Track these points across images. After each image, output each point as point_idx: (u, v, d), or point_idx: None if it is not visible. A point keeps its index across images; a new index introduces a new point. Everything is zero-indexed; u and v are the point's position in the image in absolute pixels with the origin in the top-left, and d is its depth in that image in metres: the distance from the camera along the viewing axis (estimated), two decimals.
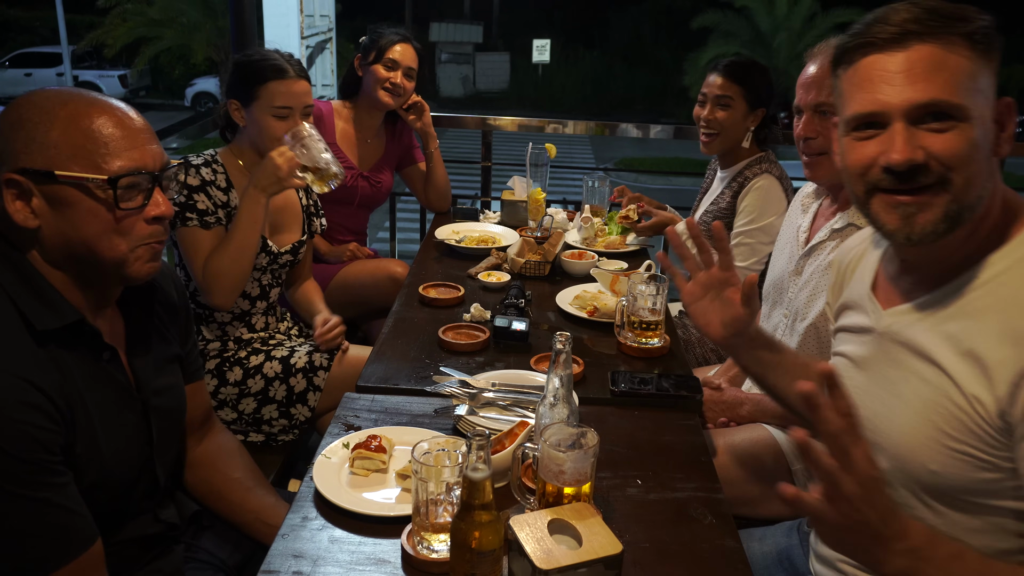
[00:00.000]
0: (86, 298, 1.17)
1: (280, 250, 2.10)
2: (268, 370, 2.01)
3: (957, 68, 0.97)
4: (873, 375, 1.14)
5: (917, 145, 0.97)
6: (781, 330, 1.79)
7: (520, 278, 2.25)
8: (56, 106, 1.09)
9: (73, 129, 1.09)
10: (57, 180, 1.08)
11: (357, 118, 2.75)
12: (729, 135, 2.37)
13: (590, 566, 1.00)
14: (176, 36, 19.84)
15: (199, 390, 1.49)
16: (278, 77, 2.00)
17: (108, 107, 1.13)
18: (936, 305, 1.05)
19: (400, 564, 1.11)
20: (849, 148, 1.06)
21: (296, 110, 2.02)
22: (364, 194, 2.76)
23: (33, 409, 1.02)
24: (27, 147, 1.08)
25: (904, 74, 0.98)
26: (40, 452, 1.03)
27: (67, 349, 1.11)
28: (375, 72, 2.63)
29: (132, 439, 1.23)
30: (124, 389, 1.22)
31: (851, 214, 1.65)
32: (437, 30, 26.03)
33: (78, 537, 1.09)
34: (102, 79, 21.38)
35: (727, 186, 2.38)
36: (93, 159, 1.09)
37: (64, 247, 1.12)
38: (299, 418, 2.02)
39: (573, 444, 1.15)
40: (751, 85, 2.33)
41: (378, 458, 1.30)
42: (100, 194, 1.10)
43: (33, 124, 1.08)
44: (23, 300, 1.08)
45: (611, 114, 22.24)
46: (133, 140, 1.13)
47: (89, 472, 1.12)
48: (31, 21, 24.82)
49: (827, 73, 1.64)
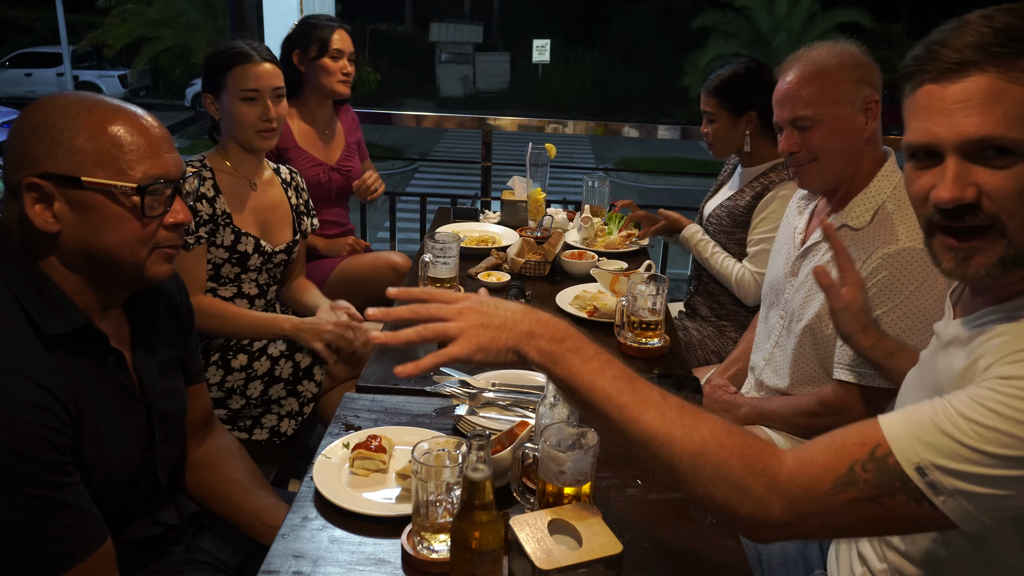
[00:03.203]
0: (95, 301, 1.17)
1: (274, 249, 2.10)
2: (273, 350, 2.03)
3: (1020, 100, 0.89)
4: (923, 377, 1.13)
5: (969, 182, 0.92)
6: (778, 331, 1.80)
7: (520, 278, 2.25)
8: (81, 112, 1.10)
9: (100, 135, 1.10)
10: (83, 186, 1.09)
11: (309, 113, 2.74)
12: (724, 144, 2.41)
13: (590, 566, 1.00)
14: (176, 36, 19.86)
15: (200, 392, 1.49)
16: (243, 62, 2.00)
17: (132, 115, 1.14)
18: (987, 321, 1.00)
19: (400, 564, 1.11)
20: (910, 176, 1.01)
21: (264, 92, 2.02)
22: (339, 186, 2.76)
23: (44, 411, 1.03)
24: (51, 152, 1.08)
25: (960, 105, 0.92)
26: (51, 452, 1.03)
27: (74, 353, 1.11)
28: (325, 66, 2.64)
29: (135, 442, 1.23)
30: (129, 392, 1.22)
31: (846, 215, 1.65)
32: (437, 30, 26.04)
33: (89, 536, 1.09)
34: (102, 79, 21.37)
35: (748, 185, 2.36)
36: (119, 165, 1.10)
37: (83, 251, 1.12)
38: (306, 395, 2.04)
39: (573, 444, 1.15)
40: (726, 95, 2.36)
41: (378, 458, 1.30)
42: (126, 201, 1.12)
43: (58, 129, 1.08)
44: (32, 304, 1.08)
45: (611, 114, 22.24)
46: (157, 148, 1.14)
47: (94, 475, 1.12)
48: (31, 21, 24.81)
49: (801, 84, 1.63)
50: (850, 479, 0.89)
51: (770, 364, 1.81)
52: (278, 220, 2.15)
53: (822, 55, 1.64)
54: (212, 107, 2.07)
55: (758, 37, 19.86)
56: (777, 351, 1.79)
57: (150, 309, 1.30)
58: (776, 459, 0.92)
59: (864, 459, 0.89)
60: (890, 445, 0.88)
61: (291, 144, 2.65)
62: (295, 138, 2.68)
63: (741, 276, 2.30)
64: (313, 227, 2.28)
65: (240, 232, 2.02)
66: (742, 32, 20.10)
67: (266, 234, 2.10)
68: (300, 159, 2.65)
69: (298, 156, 2.65)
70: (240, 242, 2.02)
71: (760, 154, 2.37)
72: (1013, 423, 0.83)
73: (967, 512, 0.86)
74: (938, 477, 0.86)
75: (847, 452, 0.90)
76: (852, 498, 0.88)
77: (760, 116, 2.30)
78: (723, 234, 2.39)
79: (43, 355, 1.07)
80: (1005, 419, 0.84)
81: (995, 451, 0.84)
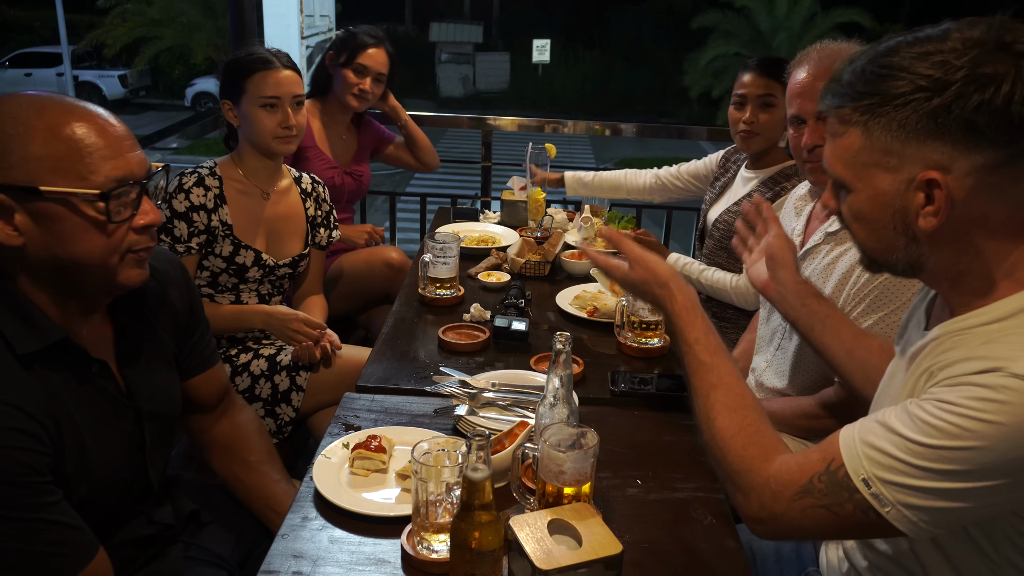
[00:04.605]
0: (72, 310, 1.14)
1: (277, 263, 2.08)
2: (255, 368, 2.00)
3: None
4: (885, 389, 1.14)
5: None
6: (780, 333, 1.79)
7: (520, 278, 2.25)
8: (32, 116, 1.03)
9: (54, 140, 1.03)
10: (42, 196, 1.02)
11: (330, 115, 2.74)
12: (768, 135, 2.26)
13: (590, 566, 1.00)
14: (176, 36, 19.88)
15: (215, 374, 1.48)
16: (264, 68, 1.99)
17: (87, 114, 1.06)
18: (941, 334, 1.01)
19: (400, 564, 1.11)
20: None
21: (284, 100, 2.01)
22: (350, 189, 2.77)
23: (20, 433, 1.01)
24: (4, 161, 1.01)
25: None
26: (31, 475, 1.02)
27: (53, 368, 1.08)
28: (345, 77, 2.63)
29: (124, 448, 1.22)
30: (115, 399, 1.20)
31: None
32: (437, 30, 26.03)
33: (78, 552, 1.08)
34: (102, 79, 21.39)
35: (756, 190, 2.29)
36: (78, 171, 1.04)
37: (50, 262, 1.07)
38: (284, 418, 1.99)
39: (573, 444, 1.15)
40: None
41: (378, 458, 1.30)
42: (90, 209, 1.05)
43: (9, 137, 1.01)
44: (5, 323, 1.05)
45: (611, 114, 22.23)
46: (117, 148, 1.07)
47: (80, 488, 1.11)
48: (31, 21, 24.81)
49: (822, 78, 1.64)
50: (807, 488, 0.96)
51: (771, 366, 1.81)
52: (289, 231, 2.12)
53: (843, 49, 1.64)
54: (231, 113, 2.05)
55: (758, 37, 19.88)
56: (779, 354, 1.79)
57: (134, 310, 1.26)
58: (767, 461, 1.02)
59: (821, 472, 0.96)
60: (843, 457, 0.94)
61: (310, 144, 2.64)
62: (315, 138, 2.68)
63: (737, 284, 2.28)
64: (331, 239, 2.23)
65: (240, 244, 2.00)
66: (742, 32, 20.11)
67: (272, 246, 2.08)
68: (317, 159, 2.64)
69: (315, 156, 2.65)
70: (239, 254, 2.00)
71: (774, 156, 2.31)
72: (949, 437, 0.86)
73: (911, 522, 0.90)
74: (881, 489, 0.90)
75: (810, 463, 0.98)
76: (809, 505, 0.96)
77: None
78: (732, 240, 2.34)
79: (19, 374, 1.04)
80: (942, 435, 0.87)
81: (931, 466, 0.87)
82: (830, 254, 1.66)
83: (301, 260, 2.14)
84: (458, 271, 2.09)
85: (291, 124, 2.01)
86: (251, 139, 2.03)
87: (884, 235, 0.99)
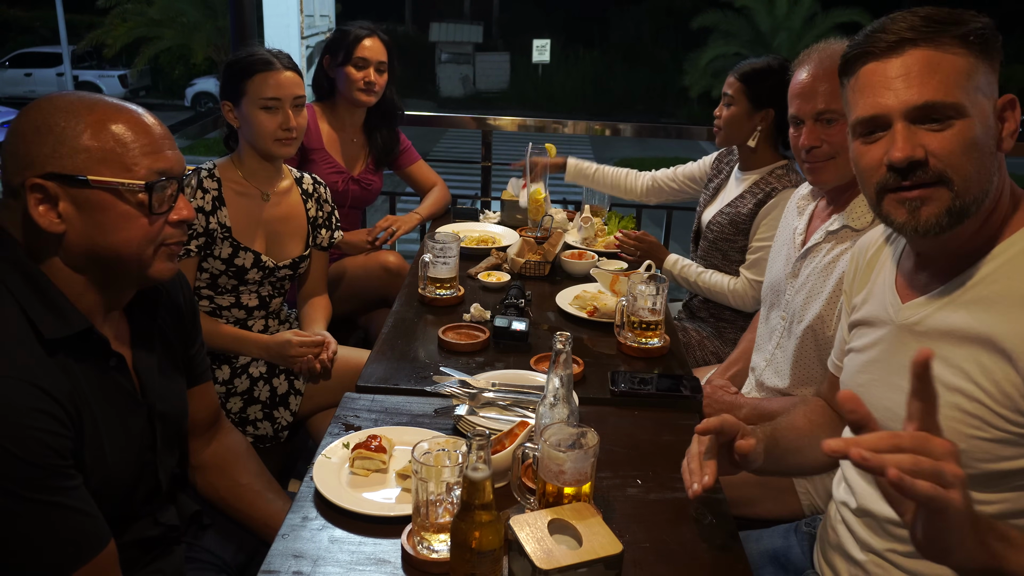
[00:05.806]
0: (97, 303, 1.17)
1: (277, 264, 2.07)
2: (254, 370, 2.00)
3: (952, 68, 1.03)
4: (891, 367, 1.15)
5: (917, 143, 1.03)
6: (779, 333, 1.79)
7: (520, 278, 2.25)
8: (83, 111, 1.10)
9: (104, 133, 1.10)
10: (90, 185, 1.09)
11: (338, 119, 2.71)
12: (731, 131, 2.35)
13: (590, 566, 1.00)
14: (176, 36, 19.88)
15: (206, 391, 1.48)
16: (264, 69, 1.99)
17: (134, 113, 1.14)
18: (950, 294, 1.08)
19: (400, 564, 1.11)
20: (859, 152, 1.12)
21: (285, 101, 2.00)
22: (355, 196, 2.74)
23: (45, 415, 1.03)
24: (55, 152, 1.07)
25: (901, 79, 1.05)
26: (53, 457, 1.03)
27: (75, 357, 1.11)
28: (348, 74, 2.59)
29: (136, 445, 1.23)
30: (130, 395, 1.22)
31: (846, 216, 1.64)
32: (437, 30, 26.04)
33: (92, 539, 1.09)
34: (102, 79, 21.38)
35: (748, 191, 2.32)
36: (124, 163, 1.10)
37: (88, 251, 1.12)
38: (281, 422, 2.00)
39: (573, 444, 1.15)
40: (753, 84, 2.30)
41: (378, 458, 1.30)
42: (133, 198, 1.12)
43: (61, 128, 1.08)
44: (33, 308, 1.08)
45: (611, 114, 22.22)
46: (159, 145, 1.14)
47: (93, 479, 1.12)
48: (31, 21, 24.83)
49: (822, 79, 1.64)
50: None
51: (771, 365, 1.81)
52: (289, 233, 2.11)
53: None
54: (231, 115, 2.04)
55: (758, 37, 19.88)
56: (778, 352, 1.79)
57: (150, 310, 1.30)
58: None
59: None
60: None
61: (318, 146, 2.63)
62: (323, 140, 2.66)
63: (734, 287, 2.29)
64: (333, 240, 2.23)
65: (239, 246, 1.99)
66: (742, 32, 20.11)
67: (272, 248, 2.07)
68: (323, 163, 2.63)
69: (322, 160, 2.63)
70: (238, 256, 2.00)
71: (763, 156, 2.34)
72: None
73: None
74: None
75: None
76: None
77: (776, 116, 2.27)
78: (725, 242, 2.35)
79: (44, 359, 1.07)
80: None
81: None
82: (831, 252, 1.66)
83: (302, 261, 2.14)
84: (458, 271, 2.09)
85: (291, 126, 2.01)
86: (251, 141, 2.03)
87: (988, 163, 1.04)
